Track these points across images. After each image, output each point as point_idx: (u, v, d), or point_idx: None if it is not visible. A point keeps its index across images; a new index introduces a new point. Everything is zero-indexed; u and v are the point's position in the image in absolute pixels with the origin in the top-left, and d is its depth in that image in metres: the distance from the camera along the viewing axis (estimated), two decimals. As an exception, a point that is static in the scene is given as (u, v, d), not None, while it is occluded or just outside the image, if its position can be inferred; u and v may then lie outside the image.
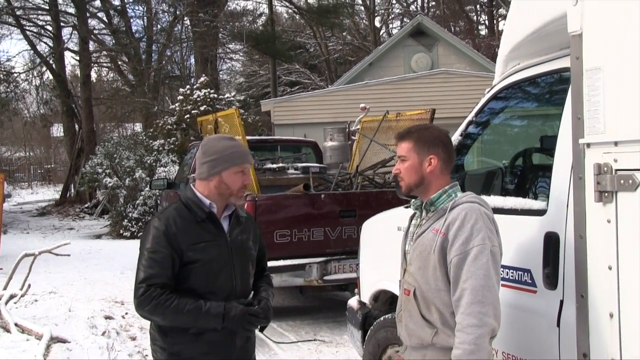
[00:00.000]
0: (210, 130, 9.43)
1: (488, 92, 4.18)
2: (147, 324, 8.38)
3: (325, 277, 8.06)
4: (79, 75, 31.60)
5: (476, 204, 2.96)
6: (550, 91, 3.91)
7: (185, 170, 11.50)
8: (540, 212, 3.41)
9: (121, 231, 19.49)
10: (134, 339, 7.99)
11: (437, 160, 3.07)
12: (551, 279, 3.27)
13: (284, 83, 37.94)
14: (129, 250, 15.98)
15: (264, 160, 10.07)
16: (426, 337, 3.08)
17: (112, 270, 12.81)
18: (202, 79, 21.98)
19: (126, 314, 9.26)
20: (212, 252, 3.27)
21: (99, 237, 19.97)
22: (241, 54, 38.76)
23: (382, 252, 5.13)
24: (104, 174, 20.37)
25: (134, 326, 8.56)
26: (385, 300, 5.29)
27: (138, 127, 33.87)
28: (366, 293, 5.36)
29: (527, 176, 4.36)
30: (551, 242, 3.28)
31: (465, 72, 19.57)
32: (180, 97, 21.12)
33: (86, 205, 26.81)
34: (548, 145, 4.09)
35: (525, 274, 3.46)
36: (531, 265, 3.42)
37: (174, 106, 21.91)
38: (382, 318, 5.01)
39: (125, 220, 19.46)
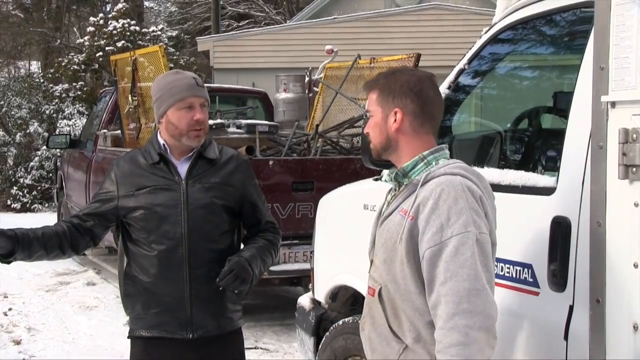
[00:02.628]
0: (127, 72, 9.30)
1: (486, 32, 4.13)
2: (35, 323, 8.45)
3: (272, 268, 7.94)
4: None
5: (458, 177, 2.83)
6: (567, 33, 3.86)
7: (94, 124, 11.37)
8: (547, 191, 3.37)
9: (9, 201, 19.34)
10: (18, 342, 7.96)
11: (402, 115, 2.95)
12: (558, 278, 3.24)
13: (229, 16, 37.42)
14: (18, 227, 15.71)
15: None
16: (391, 354, 2.97)
17: (-7, 253, 12.58)
18: (119, 5, 21.68)
19: (10, 309, 9.22)
20: (158, 198, 3.71)
21: (-22, 209, 19.63)
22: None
23: (343, 237, 5.10)
24: (-14, 126, 20.03)
25: (20, 326, 8.53)
26: (346, 300, 5.28)
27: (35, 67, 33.31)
28: (321, 289, 5.35)
29: (533, 144, 4.33)
30: (560, 229, 3.24)
31: (463, 8, 19.49)
32: (91, 29, 20.84)
33: (-36, 167, 26.32)
34: (563, 105, 4.04)
35: (525, 270, 3.43)
36: (533, 259, 3.39)
37: (82, 40, 21.61)
38: (340, 322, 4.97)
39: (15, 188, 19.29)
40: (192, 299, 3.75)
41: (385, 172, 3.13)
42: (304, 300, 5.63)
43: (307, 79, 10.95)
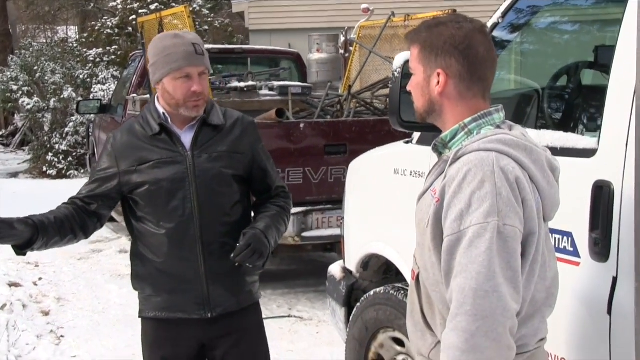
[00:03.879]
0: (154, 35, 9.10)
1: None
2: (66, 293, 8.38)
3: (305, 234, 7.97)
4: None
5: (493, 154, 2.47)
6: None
7: (124, 89, 11.24)
8: (588, 153, 3.21)
9: (44, 168, 19.38)
10: (47, 313, 7.89)
11: (446, 77, 2.60)
12: (601, 248, 3.09)
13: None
14: (53, 194, 15.49)
15: (228, 77, 9.86)
16: (424, 348, 2.75)
17: (27, 221, 12.57)
18: (153, -34, 21.51)
19: (40, 279, 9.19)
20: (164, 172, 3.54)
21: (14, 175, 19.84)
22: None
23: (374, 203, 5.00)
24: (20, 92, 20.03)
25: (49, 296, 8.47)
26: (378, 268, 5.18)
27: (74, 32, 33.39)
28: (352, 258, 5.25)
29: (573, 102, 4.10)
30: (602, 195, 3.09)
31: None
32: (124, -8, 20.70)
33: (0, 134, 26.49)
34: (605, 60, 3.80)
35: (565, 238, 3.29)
36: (573, 227, 3.24)
37: (115, 3, 21.49)
38: (372, 292, 4.87)
39: (50, 154, 19.33)
40: (208, 276, 3.62)
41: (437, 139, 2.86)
42: (335, 269, 5.54)
43: (342, 38, 10.76)
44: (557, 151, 3.29)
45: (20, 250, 3.36)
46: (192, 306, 3.62)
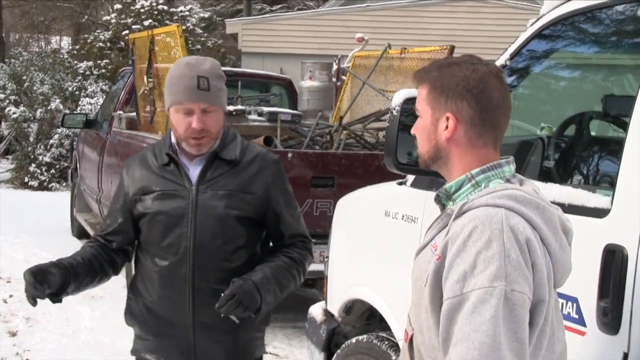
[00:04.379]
0: (145, 52, 8.88)
1: (532, 25, 3.69)
2: (35, 312, 8.06)
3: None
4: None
5: (502, 211, 2.22)
6: (630, 29, 3.37)
7: (111, 105, 10.99)
8: (600, 213, 2.96)
9: (26, 179, 19.13)
10: (14, 334, 7.61)
11: (456, 122, 2.35)
12: (610, 318, 2.82)
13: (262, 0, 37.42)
14: (33, 206, 15.56)
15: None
16: None
17: (3, 233, 12.24)
18: (148, -17, 21.38)
19: (10, 296, 8.87)
20: (164, 205, 3.33)
21: (-4, 184, 19.42)
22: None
23: (361, 245, 4.78)
24: (7, 101, 19.76)
25: (18, 315, 8.18)
26: (362, 314, 4.95)
27: (67, 43, 33.22)
28: (335, 300, 5.03)
29: (582, 154, 3.84)
30: (613, 260, 2.83)
31: (502, 2, 19.10)
32: (118, 6, 20.55)
33: (-15, 141, 26.29)
34: (616, 109, 3.55)
35: (569, 304, 3.05)
36: (579, 292, 2.98)
37: (109, 17, 21.30)
38: (354, 340, 4.66)
39: (33, 165, 19.08)
40: (195, 324, 3.34)
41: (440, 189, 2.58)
42: (316, 311, 5.30)
43: (335, 67, 10.59)
44: (564, 208, 3.02)
45: (56, 297, 3.20)
46: (176, 354, 3.38)
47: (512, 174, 2.38)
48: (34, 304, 3.22)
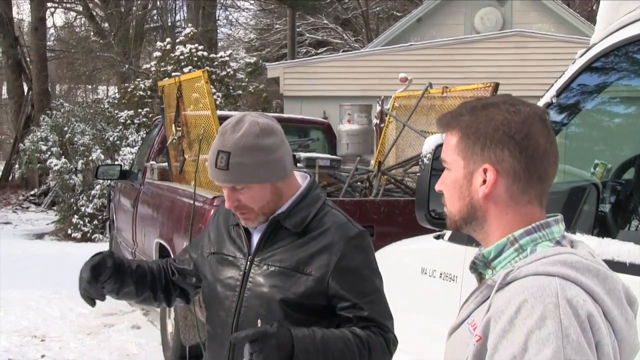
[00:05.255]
0: (172, 100, 8.60)
1: (581, 56, 3.30)
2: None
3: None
4: (31, 18, 31.09)
5: (556, 280, 1.83)
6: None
7: (145, 155, 10.73)
8: None
9: (69, 230, 19.06)
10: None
11: (496, 175, 1.97)
12: None
13: (308, 43, 37.46)
14: (74, 259, 15.15)
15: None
16: None
17: (41, 288, 12.08)
18: (187, 30, 21.32)
19: (42, 357, 8.54)
20: (222, 272, 3.00)
21: (40, 236, 19.61)
22: (251, 1, 38.30)
23: (398, 305, 4.23)
24: (49, 152, 19.70)
25: (49, 378, 7.76)
26: None
27: (113, 92, 33.48)
28: None
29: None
30: None
31: (548, 35, 18.78)
32: (158, 54, 20.48)
33: (33, 193, 26.74)
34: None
35: None
36: None
37: (148, 65, 21.26)
38: None
39: (76, 217, 18.98)
40: None
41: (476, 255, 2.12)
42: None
43: (379, 108, 10.29)
44: (625, 267, 2.63)
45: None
46: None
47: (561, 235, 1.97)
48: (93, 304, 3.00)
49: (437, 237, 3.98)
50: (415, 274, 3.98)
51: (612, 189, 3.44)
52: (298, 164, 8.60)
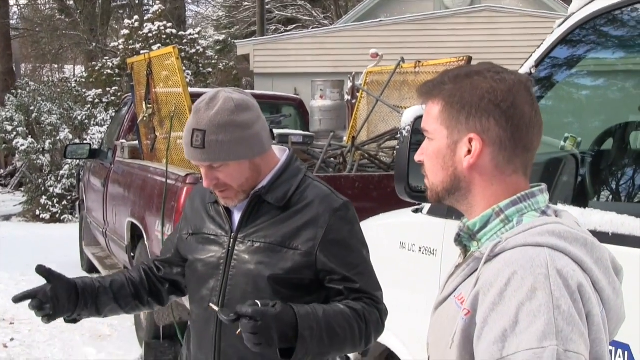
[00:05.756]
0: (142, 77, 8.51)
1: (559, 26, 3.31)
2: (38, 357, 7.67)
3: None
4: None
5: (545, 250, 1.81)
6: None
7: (115, 133, 10.63)
8: None
9: (38, 211, 18.96)
10: (12, 384, 7.12)
11: (482, 144, 1.92)
12: None
13: (277, 20, 37.30)
14: (43, 240, 15.28)
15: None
16: None
17: (9, 270, 11.94)
18: (156, 7, 21.16)
19: (12, 340, 8.50)
20: (203, 252, 2.96)
21: (7, 218, 19.45)
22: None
23: None
24: (14, 132, 19.53)
25: (19, 361, 7.70)
26: (379, 355, 4.55)
27: (80, 71, 33.19)
28: None
29: (626, 172, 3.37)
30: None
31: (517, 10, 18.96)
32: (126, 32, 20.31)
33: (-1, 173, 26.35)
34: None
35: (619, 352, 2.63)
36: (629, 337, 2.57)
37: (116, 43, 21.09)
38: None
39: (44, 197, 18.89)
40: None
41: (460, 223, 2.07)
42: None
43: (350, 84, 10.28)
44: (607, 238, 2.62)
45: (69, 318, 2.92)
46: None
47: (546, 205, 1.95)
48: (47, 321, 2.91)
49: (416, 211, 3.96)
50: (393, 249, 3.97)
51: (594, 160, 3.42)
52: (272, 140, 8.58)
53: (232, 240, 2.87)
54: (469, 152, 1.92)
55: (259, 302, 2.52)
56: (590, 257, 1.83)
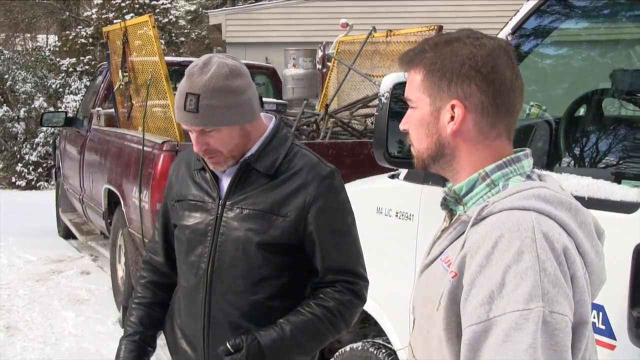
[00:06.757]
0: (118, 46, 8.39)
1: None
2: (17, 320, 7.60)
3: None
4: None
5: (531, 214, 1.79)
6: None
7: (90, 101, 10.51)
8: (628, 207, 2.53)
9: (14, 179, 18.74)
10: (-10, 345, 7.06)
11: (464, 110, 1.89)
12: None
13: (247, -10, 36.92)
14: (20, 207, 15.14)
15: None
16: None
17: (-14, 236, 11.81)
18: (129, -24, 20.90)
19: (-12, 305, 8.32)
20: (190, 218, 2.89)
21: (-17, 186, 19.00)
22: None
23: None
24: (-12, 101, 19.28)
25: (-4, 324, 7.64)
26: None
27: (53, 41, 32.76)
28: None
29: (600, 138, 3.36)
30: None
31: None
32: (99, 1, 20.01)
33: (-27, 143, 25.95)
34: (638, 84, 3.08)
35: (594, 313, 2.59)
36: (605, 299, 2.49)
37: (89, 12, 20.80)
38: (348, 348, 4.24)
39: (20, 165, 18.66)
40: (210, 357, 2.84)
41: (445, 188, 2.04)
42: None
43: (320, 53, 10.21)
44: (584, 202, 2.58)
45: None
46: None
47: (531, 169, 1.93)
48: None
49: (392, 177, 3.92)
50: (370, 214, 3.92)
51: (568, 127, 3.39)
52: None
53: (220, 207, 2.80)
54: (452, 118, 1.89)
55: (229, 346, 2.64)
56: (574, 220, 1.81)
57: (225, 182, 2.83)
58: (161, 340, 3.09)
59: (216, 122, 2.66)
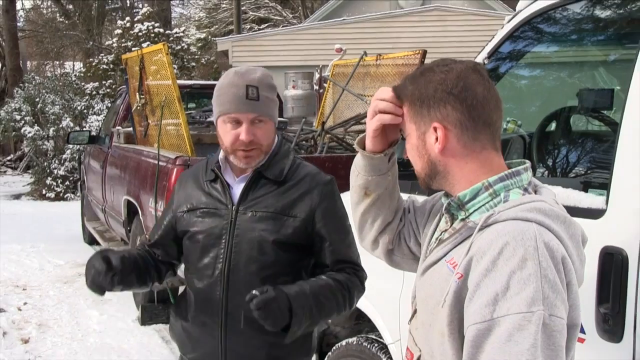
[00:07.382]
0: (135, 71, 8.36)
1: (508, 22, 3.20)
2: (48, 319, 7.54)
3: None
4: (1, 1, 30.25)
5: (534, 225, 1.77)
6: (621, 20, 2.87)
7: (111, 121, 10.48)
8: (594, 213, 2.47)
9: (44, 191, 18.64)
10: (26, 341, 7.03)
11: (444, 130, 1.89)
12: (612, 325, 2.34)
13: (251, 20, 37.00)
14: (49, 216, 15.07)
15: (208, 112, 9.23)
16: None
17: (21, 242, 11.78)
18: (144, 9, 20.87)
19: (25, 304, 8.33)
20: (204, 224, 2.86)
21: (17, 197, 19.11)
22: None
23: None
24: (22, 121, 19.19)
25: (31, 322, 7.63)
26: (350, 314, 4.42)
27: (79, 67, 32.85)
28: None
29: (569, 151, 3.32)
30: (613, 262, 2.35)
31: (464, 9, 18.78)
32: (119, 31, 19.99)
33: (9, 158, 26.21)
34: (602, 102, 3.03)
35: None
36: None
37: (110, 42, 20.78)
38: (344, 342, 4.18)
39: (50, 179, 18.57)
40: (227, 352, 2.81)
41: (442, 198, 2.07)
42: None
43: (317, 76, 10.19)
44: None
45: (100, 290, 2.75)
46: None
47: (529, 182, 1.92)
48: (102, 293, 2.75)
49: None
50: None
51: (540, 141, 3.35)
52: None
53: (234, 212, 2.80)
54: (437, 139, 1.89)
55: (255, 292, 2.52)
56: (566, 232, 1.81)
57: (237, 189, 2.83)
58: (167, 337, 3.02)
59: (270, 113, 2.75)
